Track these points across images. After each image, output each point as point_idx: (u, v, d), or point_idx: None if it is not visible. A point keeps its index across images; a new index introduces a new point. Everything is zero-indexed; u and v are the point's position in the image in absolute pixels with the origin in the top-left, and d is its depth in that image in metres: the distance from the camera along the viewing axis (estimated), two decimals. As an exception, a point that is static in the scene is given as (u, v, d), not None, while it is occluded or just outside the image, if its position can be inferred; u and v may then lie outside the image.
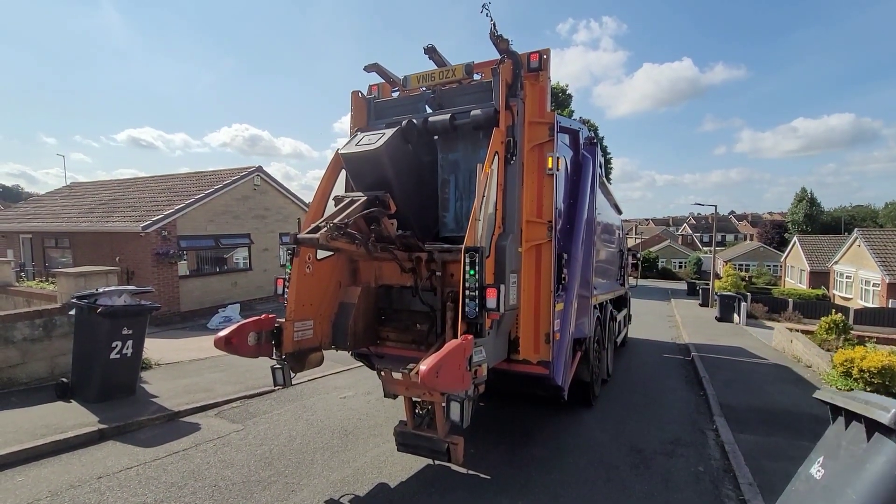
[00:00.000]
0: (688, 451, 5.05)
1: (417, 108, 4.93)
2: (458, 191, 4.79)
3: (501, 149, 4.17)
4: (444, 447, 3.68)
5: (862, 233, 26.52)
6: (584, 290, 5.31)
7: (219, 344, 3.90)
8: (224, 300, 15.24)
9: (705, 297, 24.51)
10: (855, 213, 65.90)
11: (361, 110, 5.18)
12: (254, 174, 16.78)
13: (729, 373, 9.01)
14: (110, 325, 5.39)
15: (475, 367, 3.35)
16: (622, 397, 7.03)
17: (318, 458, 4.49)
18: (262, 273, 17.05)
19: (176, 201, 14.77)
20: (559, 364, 4.47)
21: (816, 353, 9.76)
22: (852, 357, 7.80)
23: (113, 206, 16.22)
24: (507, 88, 4.32)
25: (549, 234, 4.40)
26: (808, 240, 36.80)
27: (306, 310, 4.32)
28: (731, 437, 5.42)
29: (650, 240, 63.36)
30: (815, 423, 6.08)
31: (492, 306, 3.53)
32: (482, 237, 3.70)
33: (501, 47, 4.29)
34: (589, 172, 5.28)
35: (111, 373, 5.49)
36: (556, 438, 5.23)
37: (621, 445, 5.12)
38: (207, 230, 15.13)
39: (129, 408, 5.39)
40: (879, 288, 23.70)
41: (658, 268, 49.65)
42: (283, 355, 4.16)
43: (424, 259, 4.39)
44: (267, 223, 17.36)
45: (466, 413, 3.36)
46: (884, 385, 7.35)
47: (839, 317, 11.68)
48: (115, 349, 5.45)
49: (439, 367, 2.98)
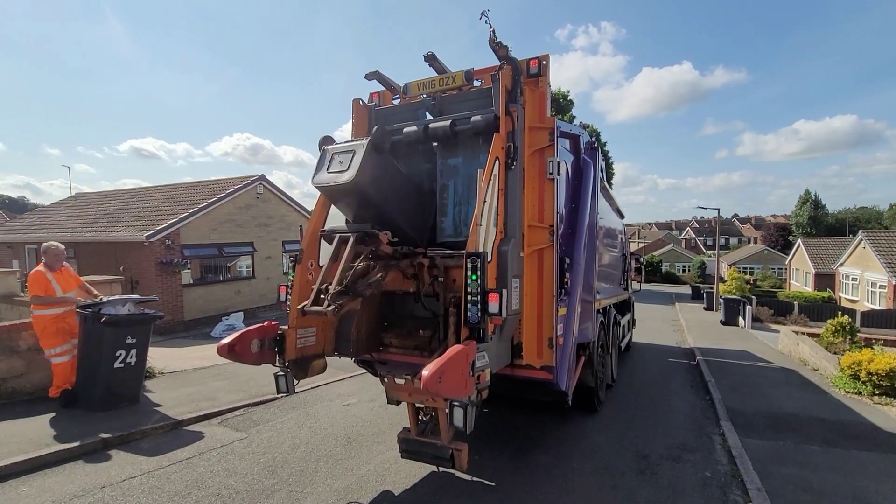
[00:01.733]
0: (694, 457, 5.00)
1: (418, 114, 4.94)
2: (457, 196, 4.74)
3: (502, 154, 4.15)
4: (448, 453, 3.67)
5: (867, 235, 26.36)
6: (587, 295, 5.31)
7: (222, 351, 3.91)
8: (227, 308, 15.27)
9: (710, 300, 24.37)
10: (859, 215, 65.55)
11: (363, 118, 5.17)
12: (256, 183, 16.88)
13: (735, 377, 8.93)
14: (115, 334, 5.39)
15: (478, 373, 3.35)
16: (627, 403, 6.98)
17: (321, 467, 4.48)
18: (265, 281, 17.10)
19: (179, 210, 14.86)
20: (563, 369, 4.46)
21: (823, 356, 9.68)
22: (860, 360, 7.73)
23: (117, 215, 16.33)
24: (507, 94, 4.31)
25: (550, 239, 4.40)
26: (812, 242, 36.61)
27: (309, 317, 4.17)
28: (738, 441, 5.36)
29: (653, 244, 63.22)
30: (822, 428, 6.02)
31: (494, 311, 3.49)
32: (484, 242, 3.69)
33: (501, 53, 4.29)
34: (590, 177, 5.30)
35: (115, 382, 5.49)
36: (560, 444, 5.19)
37: (626, 451, 5.08)
38: (211, 239, 15.21)
39: (132, 417, 5.39)
40: (886, 290, 23.51)
41: (662, 272, 49.52)
42: (286, 362, 4.14)
43: (426, 265, 4.33)
44: (270, 231, 17.43)
45: (470, 419, 3.31)
46: (892, 388, 7.28)
47: (846, 319, 11.61)
48: (118, 358, 5.45)
49: (441, 372, 2.96)
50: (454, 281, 4.26)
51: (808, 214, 59.21)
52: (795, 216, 62.50)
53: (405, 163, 4.88)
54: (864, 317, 20.88)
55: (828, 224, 59.22)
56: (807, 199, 60.84)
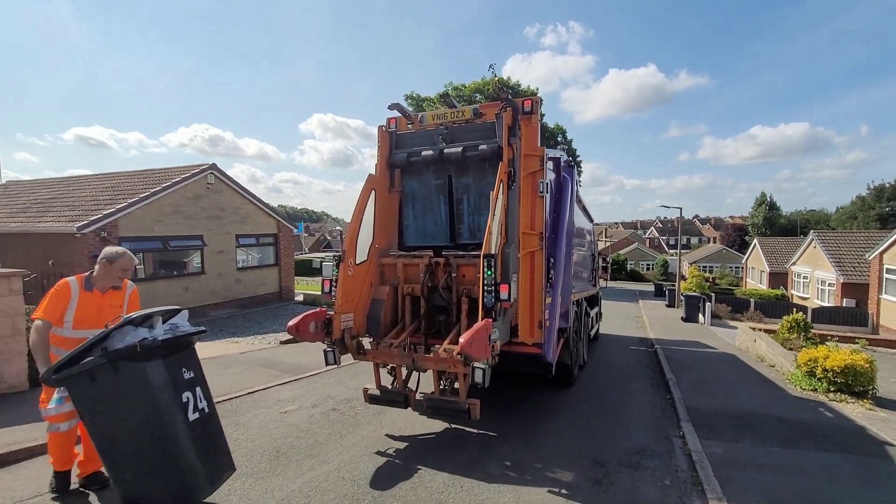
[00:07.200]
0: (654, 462, 4.69)
1: (434, 140, 5.90)
2: (470, 207, 5.93)
3: (505, 177, 5.10)
4: (466, 407, 4.53)
5: (817, 235, 27.46)
6: (566, 288, 6.12)
7: (291, 330, 4.85)
8: (173, 306, 14.19)
9: (671, 297, 24.84)
10: (810, 217, 69.11)
11: (385, 141, 6.13)
12: (207, 172, 15.77)
13: (695, 373, 8.83)
14: (167, 369, 3.21)
15: (493, 343, 4.28)
16: (589, 400, 6.67)
17: (236, 488, 3.86)
18: (216, 277, 16.04)
19: (119, 200, 13.68)
20: (549, 344, 5.46)
21: (780, 352, 9.73)
22: (816, 356, 7.71)
23: (49, 205, 14.93)
24: (509, 130, 5.36)
25: (540, 243, 5.36)
26: (767, 242, 38.05)
27: (349, 304, 5.26)
28: (698, 445, 5.09)
29: (619, 242, 64.57)
30: (782, 427, 5.86)
31: (504, 297, 4.53)
32: (494, 245, 4.61)
33: (503, 97, 5.40)
34: (568, 190, 6.25)
35: (201, 445, 3.29)
36: (515, 455, 4.78)
37: (583, 458, 4.72)
38: (154, 231, 14.08)
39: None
40: (835, 287, 24.56)
41: (627, 270, 50.49)
42: (333, 341, 5.01)
43: (442, 263, 5.46)
44: (222, 224, 16.35)
45: (487, 377, 4.26)
46: (846, 384, 7.26)
47: (800, 316, 11.80)
48: (188, 404, 3.30)
49: (473, 339, 3.96)
50: (464, 276, 5.39)
51: (763, 216, 61.95)
52: (752, 217, 65.31)
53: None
54: (815, 313, 21.67)
55: (781, 225, 62.17)
56: (763, 201, 63.63)
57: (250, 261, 17.97)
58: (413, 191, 6.20)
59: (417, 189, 6.17)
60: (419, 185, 6.14)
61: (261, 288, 18.04)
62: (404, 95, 32.30)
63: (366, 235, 5.56)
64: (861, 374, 7.19)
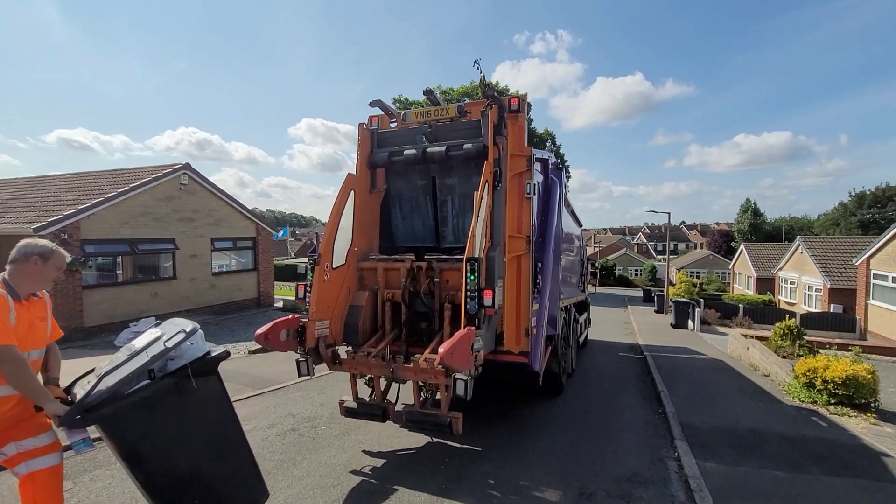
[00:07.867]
0: (647, 493, 4.16)
1: (416, 139, 5.55)
2: (455, 209, 5.65)
3: (490, 177, 4.85)
4: (447, 421, 4.23)
5: (804, 240, 27.47)
6: (554, 294, 5.86)
7: (259, 339, 4.46)
8: (141, 313, 13.41)
9: (660, 303, 24.57)
10: (793, 224, 69.96)
11: (366, 140, 5.76)
12: (180, 172, 15.03)
13: (688, 384, 8.37)
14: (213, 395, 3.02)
15: (476, 352, 4.02)
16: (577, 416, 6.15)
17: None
18: (188, 282, 15.28)
19: (83, 200, 12.90)
20: (536, 353, 5.13)
21: (774, 360, 9.33)
22: (815, 367, 7.29)
23: (9, 205, 14.08)
24: (494, 128, 5.03)
25: (527, 247, 5.10)
26: (753, 248, 38.13)
27: (324, 311, 4.92)
28: (696, 469, 4.58)
29: (608, 248, 64.70)
30: (785, 446, 5.39)
31: (488, 304, 4.25)
32: (478, 249, 4.38)
33: (489, 94, 4.98)
34: (556, 193, 5.96)
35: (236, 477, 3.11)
36: (499, 473, 4.22)
37: (569, 488, 4.18)
38: (121, 234, 13.29)
39: None
40: (822, 293, 24.49)
41: (615, 275, 50.45)
42: (307, 350, 4.66)
43: (424, 268, 5.11)
44: (195, 227, 15.61)
45: (469, 389, 3.98)
46: (848, 396, 6.85)
47: (793, 322, 11.42)
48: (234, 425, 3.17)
49: (454, 349, 3.67)
50: (447, 281, 5.07)
51: (748, 222, 62.51)
52: (738, 223, 65.87)
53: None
54: (803, 319, 21.46)
55: (766, 231, 62.79)
56: (748, 208, 64.26)
57: (227, 265, 17.23)
58: (400, 191, 5.94)
59: (404, 189, 5.90)
60: (405, 186, 5.88)
61: (237, 294, 17.29)
62: (392, 99, 31.87)
63: (344, 238, 5.23)
64: (863, 386, 6.78)
